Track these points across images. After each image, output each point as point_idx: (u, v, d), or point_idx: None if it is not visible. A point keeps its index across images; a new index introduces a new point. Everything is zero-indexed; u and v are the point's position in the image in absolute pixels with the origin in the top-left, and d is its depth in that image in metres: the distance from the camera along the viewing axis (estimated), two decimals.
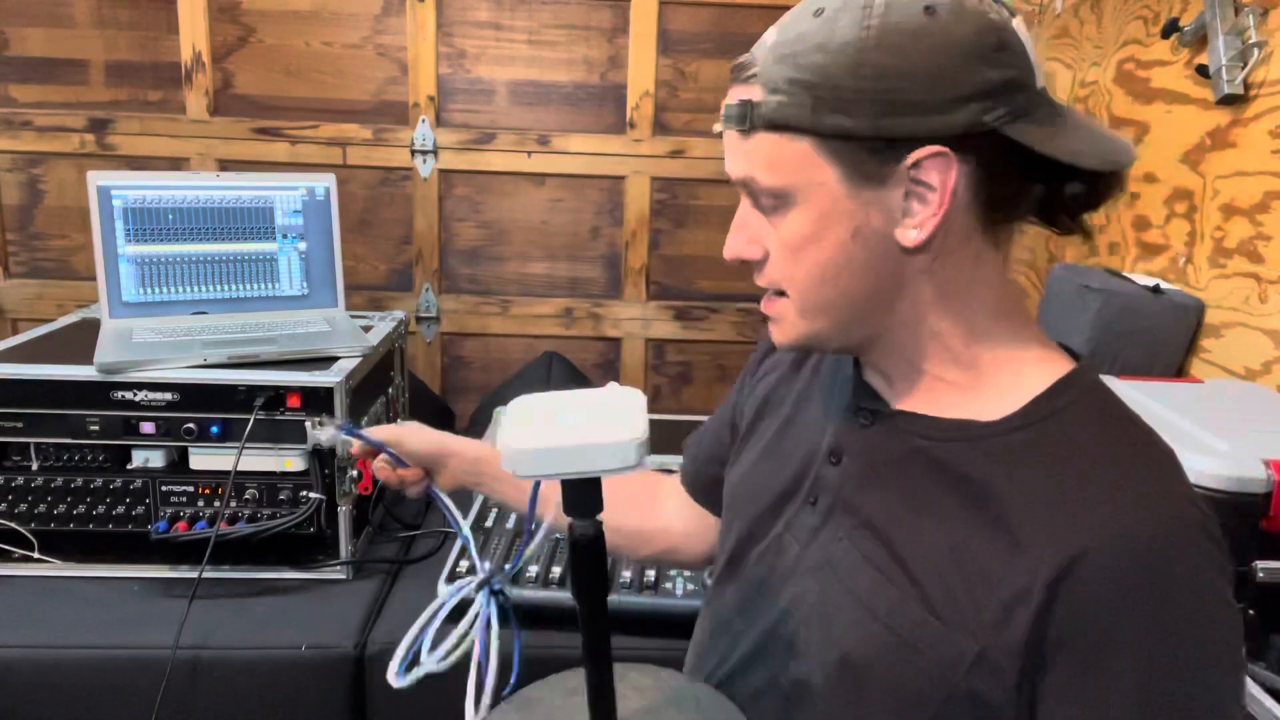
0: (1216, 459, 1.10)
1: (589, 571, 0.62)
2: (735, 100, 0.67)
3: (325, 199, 1.66)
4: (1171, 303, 1.59)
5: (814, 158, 0.64)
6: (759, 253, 0.70)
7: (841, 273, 0.67)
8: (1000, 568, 0.62)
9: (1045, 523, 0.61)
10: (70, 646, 1.25)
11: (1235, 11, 1.50)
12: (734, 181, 0.70)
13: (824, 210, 0.65)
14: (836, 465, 0.75)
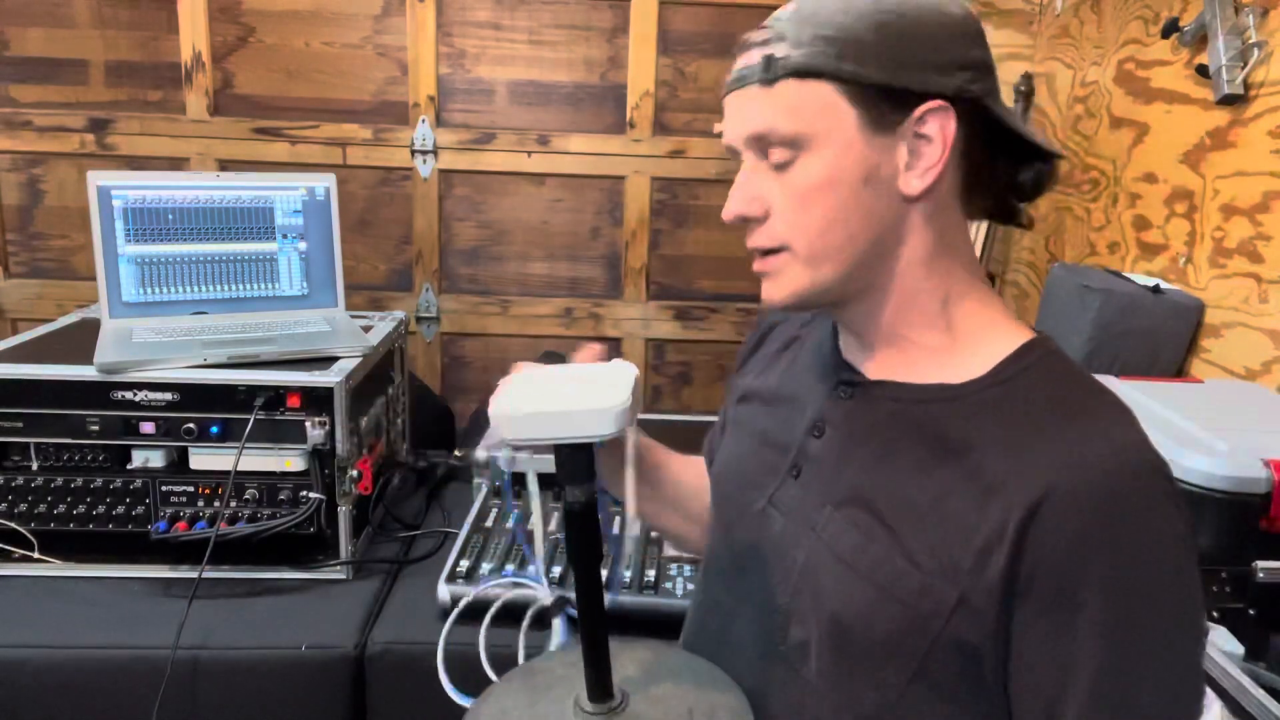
0: (1216, 459, 1.10)
1: (583, 539, 0.66)
2: (747, 62, 0.72)
3: (325, 199, 1.66)
4: (1171, 303, 1.59)
5: (836, 101, 0.69)
6: (760, 210, 0.73)
7: (851, 217, 0.71)
8: (976, 515, 0.65)
9: (1014, 468, 0.65)
10: (70, 646, 1.25)
11: (1235, 11, 1.50)
12: (741, 141, 0.73)
13: (840, 154, 0.70)
14: (819, 438, 0.78)
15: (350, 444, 1.40)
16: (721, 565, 0.86)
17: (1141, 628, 0.62)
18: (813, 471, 0.78)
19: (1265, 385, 1.43)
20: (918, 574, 0.67)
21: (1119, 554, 0.62)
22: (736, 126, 0.73)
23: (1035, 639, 0.64)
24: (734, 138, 0.74)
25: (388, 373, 1.72)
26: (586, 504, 0.64)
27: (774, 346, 0.94)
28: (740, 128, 0.73)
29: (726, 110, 0.75)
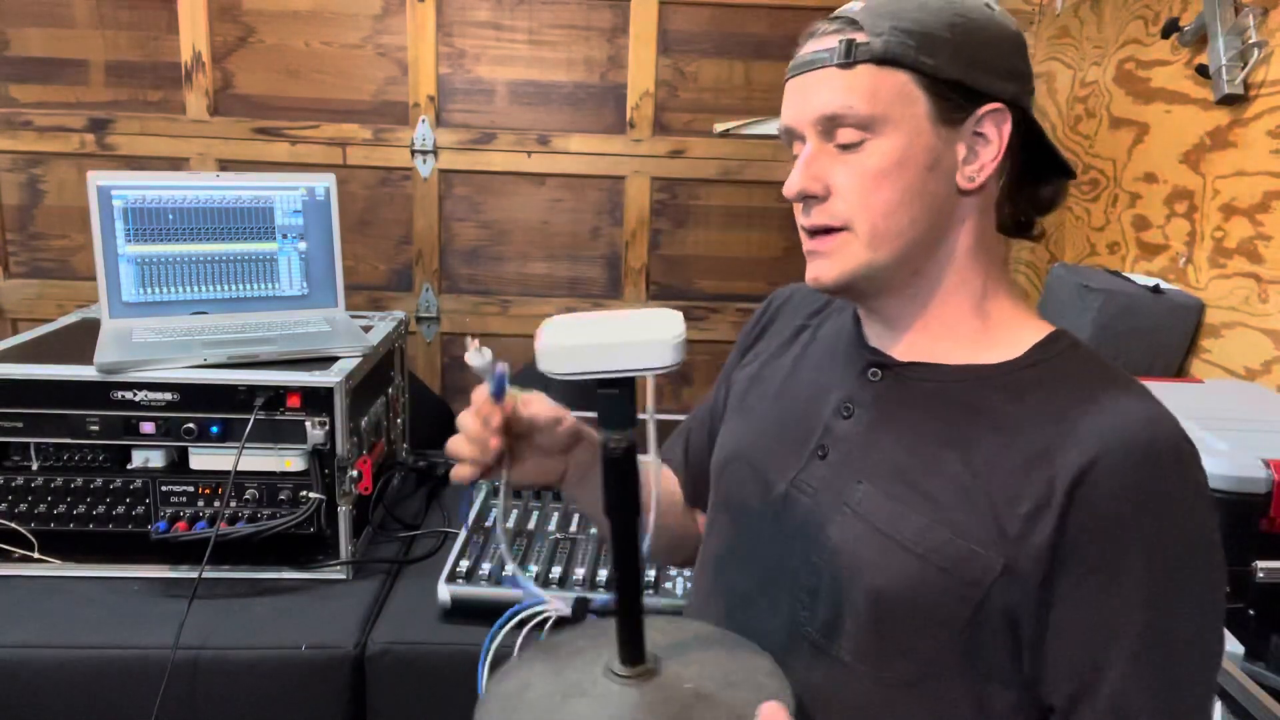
0: (1216, 459, 1.10)
1: (622, 487, 0.62)
2: (824, 45, 0.75)
3: (325, 199, 1.66)
4: (1171, 303, 1.59)
5: (911, 90, 0.73)
6: (821, 189, 0.75)
7: (915, 201, 0.74)
8: (1019, 483, 0.68)
9: (1059, 437, 0.68)
10: (70, 646, 1.25)
11: (1235, 11, 1.50)
12: (810, 121, 0.75)
13: (911, 140, 0.74)
14: (848, 418, 0.80)
15: (350, 444, 1.40)
16: (731, 554, 0.86)
17: (1181, 589, 0.66)
18: (842, 451, 0.79)
19: (1265, 385, 1.43)
20: (961, 542, 0.69)
21: (1161, 518, 0.66)
22: (805, 107, 0.75)
23: (1079, 600, 0.66)
24: (800, 118, 0.76)
25: (388, 373, 1.72)
26: (628, 449, 0.61)
27: (781, 335, 0.95)
28: (811, 108, 0.75)
29: (791, 92, 0.77)
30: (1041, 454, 0.68)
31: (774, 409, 0.87)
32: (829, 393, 0.82)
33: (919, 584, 0.70)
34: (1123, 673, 0.65)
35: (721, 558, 0.88)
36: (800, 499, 0.79)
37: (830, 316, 0.91)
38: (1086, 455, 0.66)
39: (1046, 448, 0.68)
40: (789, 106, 0.78)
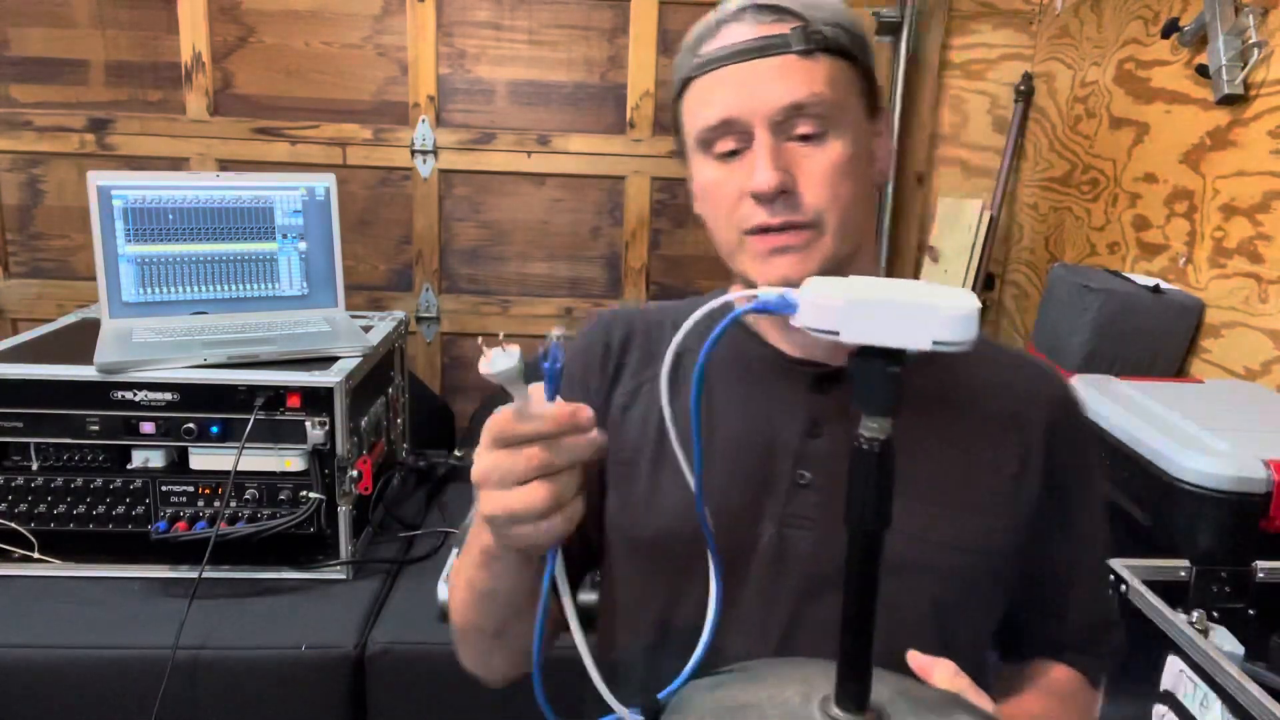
0: (1216, 459, 1.10)
1: (877, 491, 0.50)
2: (772, 31, 0.72)
3: (325, 199, 1.65)
4: (1171, 303, 1.59)
5: (857, 84, 0.75)
6: (792, 183, 0.72)
7: (867, 193, 0.76)
8: (996, 451, 0.76)
9: (1015, 401, 0.78)
10: (70, 646, 1.25)
11: (1235, 11, 1.50)
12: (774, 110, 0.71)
13: (859, 132, 0.75)
14: (819, 438, 0.76)
15: (350, 444, 1.40)
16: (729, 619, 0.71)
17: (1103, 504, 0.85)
18: (826, 471, 0.75)
19: (1265, 385, 1.43)
20: (984, 520, 0.74)
21: (1090, 448, 0.84)
22: (763, 96, 0.71)
23: (1058, 512, 0.78)
24: (754, 108, 0.71)
25: (388, 373, 1.72)
26: (886, 444, 0.50)
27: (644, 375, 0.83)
28: (772, 97, 0.71)
29: (733, 81, 0.72)
30: (1009, 419, 0.77)
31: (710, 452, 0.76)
32: (779, 418, 0.77)
33: (972, 579, 0.74)
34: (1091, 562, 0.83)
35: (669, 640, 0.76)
36: (797, 535, 0.74)
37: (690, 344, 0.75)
38: (1043, 412, 0.78)
39: (1012, 413, 0.77)
40: (732, 96, 0.72)
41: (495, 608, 0.71)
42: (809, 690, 0.55)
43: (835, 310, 0.49)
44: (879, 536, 0.51)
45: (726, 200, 0.75)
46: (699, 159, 0.77)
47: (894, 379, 0.49)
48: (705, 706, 0.56)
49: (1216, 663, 0.83)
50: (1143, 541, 1.20)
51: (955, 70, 2.41)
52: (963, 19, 2.38)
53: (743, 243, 0.75)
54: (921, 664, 0.62)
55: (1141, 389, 1.35)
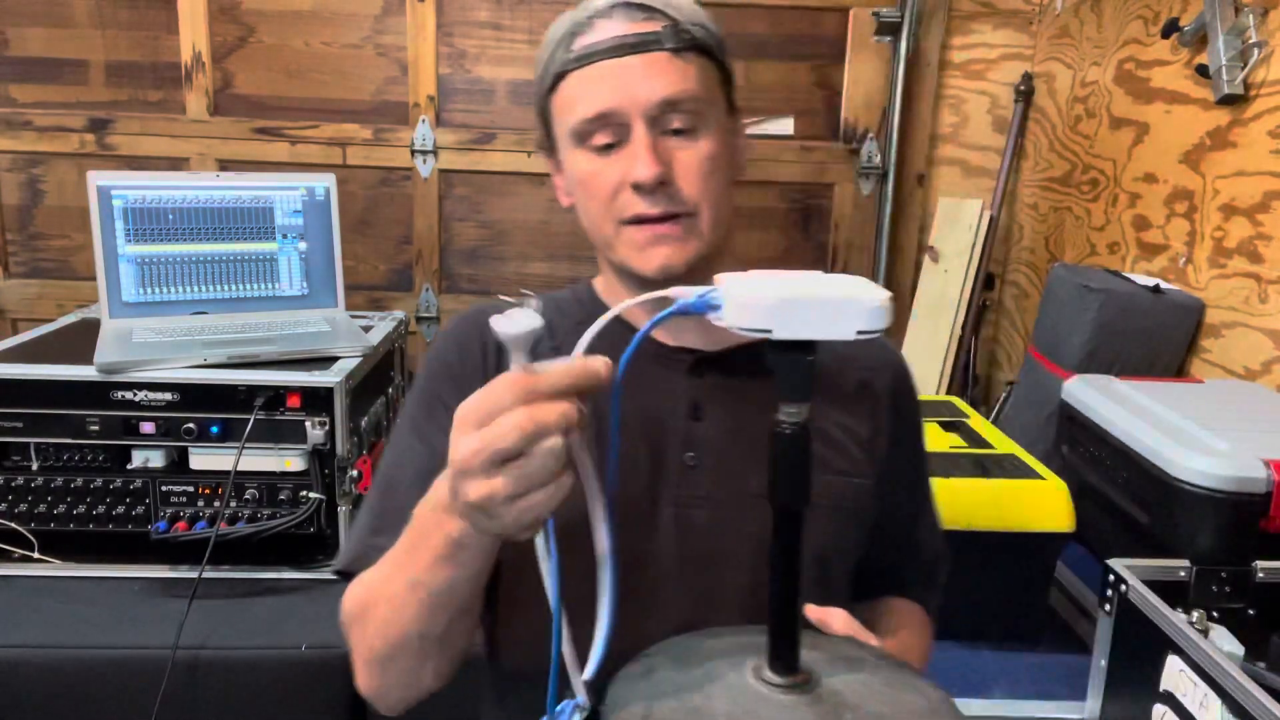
0: (1216, 459, 1.10)
1: (797, 470, 0.55)
2: (646, 28, 0.75)
3: (325, 199, 1.65)
4: (1171, 303, 1.59)
5: (720, 82, 0.79)
6: (670, 174, 0.75)
7: (731, 186, 0.80)
8: (853, 418, 0.84)
9: (860, 371, 0.86)
10: (70, 646, 1.25)
11: (1235, 11, 1.50)
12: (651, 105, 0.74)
13: (723, 128, 0.79)
14: (702, 420, 0.80)
15: (350, 444, 1.40)
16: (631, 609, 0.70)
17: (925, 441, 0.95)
18: (715, 451, 0.79)
19: (1265, 385, 1.43)
20: (852, 481, 0.82)
21: (918, 403, 0.92)
22: (639, 90, 0.74)
23: (901, 468, 0.88)
24: (632, 101, 0.74)
25: (388, 373, 1.72)
26: (803, 428, 0.54)
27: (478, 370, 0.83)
28: (649, 91, 0.74)
29: (609, 76, 0.74)
30: (859, 388, 0.85)
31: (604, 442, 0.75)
32: (663, 404, 0.80)
33: (844, 533, 0.82)
34: (929, 505, 0.95)
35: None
36: (693, 512, 0.78)
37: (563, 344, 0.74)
38: (886, 378, 0.87)
39: (861, 383, 0.85)
40: (610, 89, 0.74)
41: (450, 603, 0.67)
42: (738, 662, 0.58)
43: (766, 310, 0.52)
44: (801, 513, 0.56)
45: (604, 191, 0.77)
46: (574, 152, 0.79)
47: (810, 367, 0.54)
48: (645, 695, 0.57)
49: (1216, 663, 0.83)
50: (1143, 541, 1.21)
51: (955, 70, 2.41)
52: (963, 19, 2.38)
53: (620, 232, 0.78)
54: (819, 614, 0.68)
55: (1141, 389, 1.35)
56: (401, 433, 0.84)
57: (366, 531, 0.80)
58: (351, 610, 0.76)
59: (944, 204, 2.39)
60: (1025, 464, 1.34)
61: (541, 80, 0.81)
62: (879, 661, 0.62)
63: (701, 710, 0.54)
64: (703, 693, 0.56)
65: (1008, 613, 1.29)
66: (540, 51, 0.81)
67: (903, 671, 0.61)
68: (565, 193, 0.85)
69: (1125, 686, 1.01)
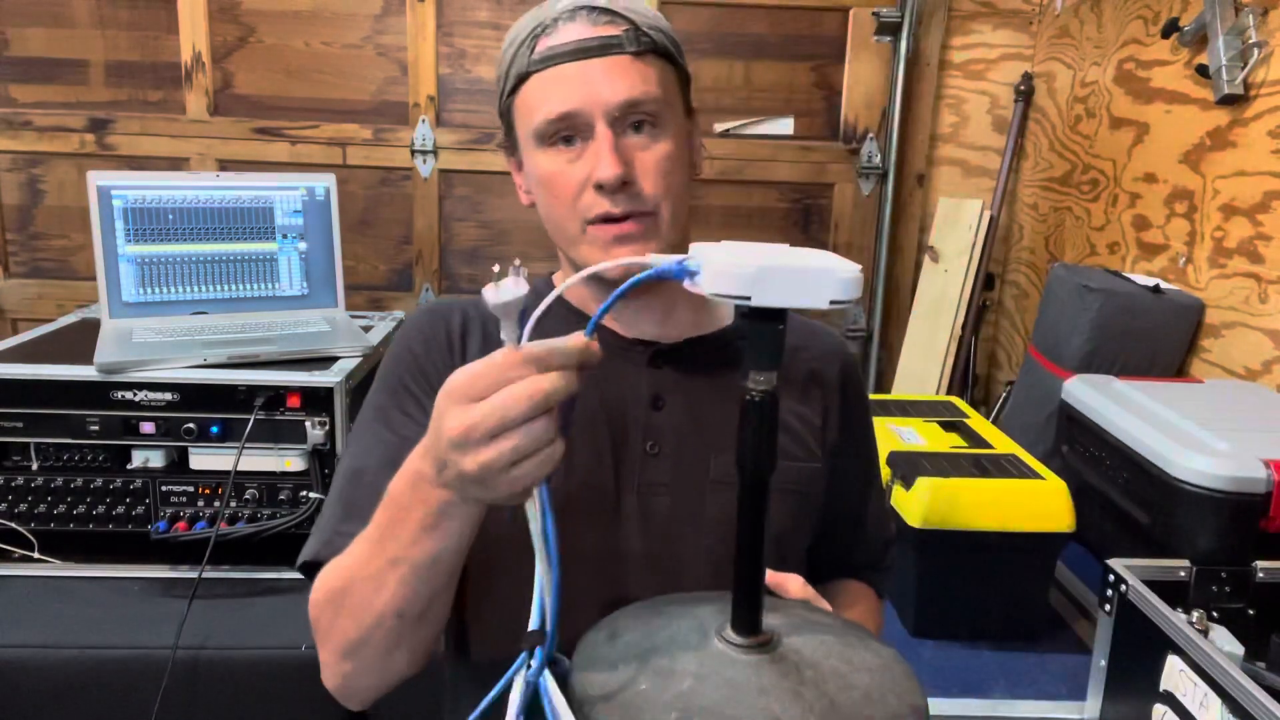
0: (1216, 459, 1.10)
1: (758, 437, 0.56)
2: (608, 32, 0.77)
3: (325, 199, 1.66)
4: (1171, 303, 1.59)
5: (678, 84, 0.82)
6: (632, 174, 0.77)
7: (688, 186, 0.82)
8: (806, 405, 0.88)
9: (810, 362, 0.90)
10: (70, 646, 1.25)
11: (1235, 11, 1.50)
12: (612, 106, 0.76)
13: (680, 129, 0.81)
14: (662, 409, 0.83)
15: None
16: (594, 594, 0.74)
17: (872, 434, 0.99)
18: (674, 440, 0.82)
19: (1265, 385, 1.43)
20: (804, 465, 0.86)
21: (865, 391, 0.97)
22: (603, 92, 0.76)
23: (850, 454, 0.92)
24: (595, 103, 0.76)
25: None
26: (771, 395, 0.56)
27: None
28: (612, 93, 0.76)
29: (572, 78, 0.76)
30: (810, 377, 0.89)
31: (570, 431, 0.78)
32: (625, 394, 0.82)
33: (799, 515, 0.85)
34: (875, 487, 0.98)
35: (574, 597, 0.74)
36: (655, 499, 0.81)
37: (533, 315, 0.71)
38: (835, 367, 0.91)
39: (811, 372, 0.89)
40: (574, 91, 0.76)
41: (432, 577, 0.67)
42: (700, 625, 0.60)
43: (746, 277, 0.53)
44: (767, 479, 0.57)
45: (567, 192, 0.79)
46: (537, 153, 0.80)
47: (781, 336, 0.55)
48: (608, 658, 0.58)
49: (1216, 663, 0.84)
50: (1143, 541, 1.21)
51: (955, 70, 2.41)
52: (963, 19, 2.38)
53: (585, 231, 0.79)
54: (776, 579, 0.72)
55: (1141, 389, 1.35)
56: (365, 423, 0.84)
57: (335, 520, 0.80)
58: (322, 598, 0.74)
59: (944, 204, 2.39)
60: (1025, 464, 1.34)
61: (503, 81, 0.82)
62: (833, 623, 0.65)
63: (667, 671, 0.56)
64: (668, 655, 0.57)
65: (1008, 613, 1.29)
66: (503, 52, 0.82)
67: (856, 631, 0.64)
68: (526, 191, 0.87)
69: (1125, 686, 1.01)
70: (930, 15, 2.35)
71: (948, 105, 2.44)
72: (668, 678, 0.55)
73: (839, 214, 2.46)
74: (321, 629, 0.74)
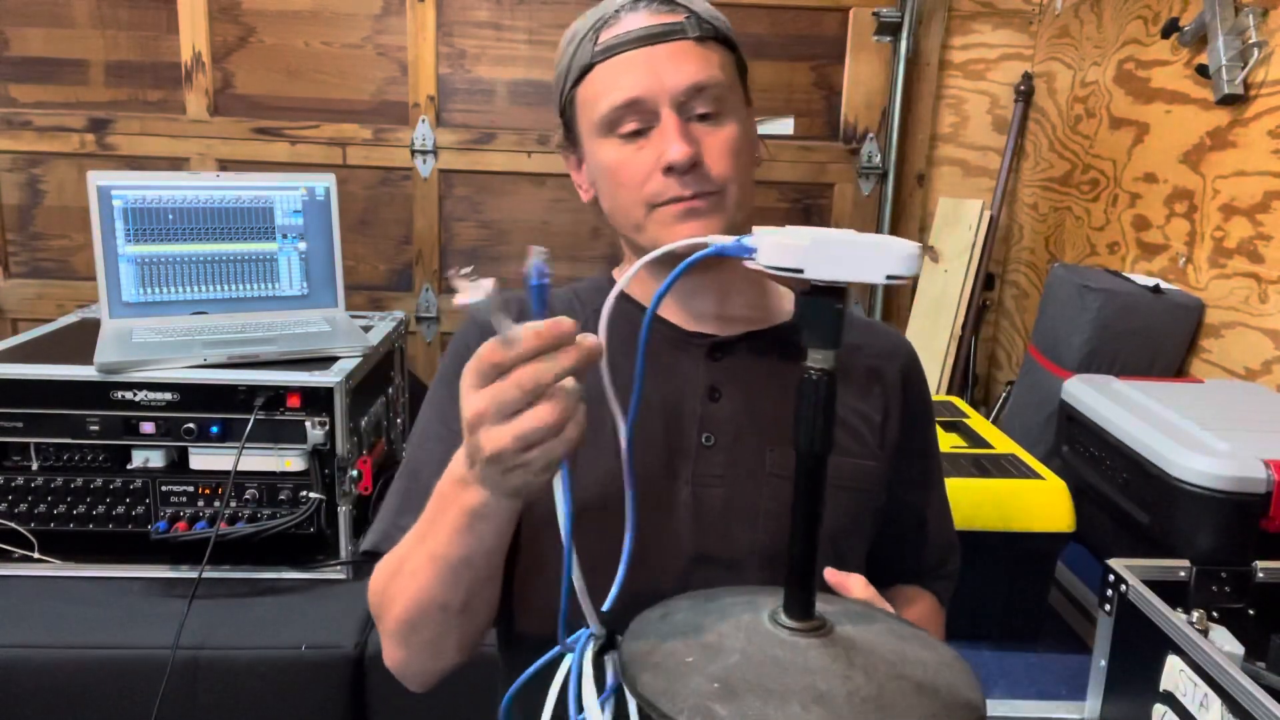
0: (1216, 459, 1.10)
1: (817, 414, 0.55)
2: (670, 19, 0.78)
3: (325, 199, 1.66)
4: (1171, 303, 1.59)
5: (735, 71, 0.82)
6: (700, 156, 0.78)
7: (752, 170, 0.83)
8: (866, 404, 0.86)
9: (872, 359, 0.88)
10: (70, 646, 1.25)
11: (1235, 11, 1.50)
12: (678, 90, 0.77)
13: (743, 114, 0.82)
14: (719, 401, 0.82)
15: (350, 444, 1.40)
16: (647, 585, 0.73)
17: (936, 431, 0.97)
18: (730, 432, 0.82)
19: (1265, 385, 1.43)
20: (862, 463, 0.84)
21: (929, 392, 0.94)
22: (668, 77, 0.77)
23: (911, 455, 0.89)
24: (660, 88, 0.77)
25: (388, 373, 1.72)
26: (829, 375, 0.55)
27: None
28: (679, 78, 0.77)
29: (636, 65, 0.77)
30: (871, 374, 0.87)
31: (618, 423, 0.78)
32: (682, 386, 0.82)
33: (857, 513, 0.84)
34: (938, 495, 0.95)
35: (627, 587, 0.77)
36: (709, 491, 0.80)
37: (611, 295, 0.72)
38: (897, 366, 0.89)
39: (872, 369, 0.87)
40: (639, 77, 0.77)
41: (466, 576, 0.69)
42: (755, 605, 0.60)
43: (801, 250, 0.53)
44: (824, 459, 0.57)
45: (636, 177, 0.79)
46: (602, 143, 0.81)
47: (839, 314, 0.54)
48: (660, 633, 0.59)
49: (1216, 663, 0.84)
50: (1143, 541, 1.21)
51: (955, 70, 2.41)
52: (963, 19, 2.38)
53: (651, 214, 0.79)
54: (837, 579, 0.71)
55: (1141, 389, 1.35)
56: (426, 417, 0.87)
57: (393, 513, 0.84)
58: (377, 586, 0.79)
59: (944, 204, 2.39)
60: (1025, 464, 1.34)
61: (564, 77, 0.83)
62: (892, 621, 0.63)
63: (715, 646, 0.56)
64: (717, 632, 0.58)
65: (1008, 613, 1.29)
66: (561, 51, 0.83)
67: (916, 630, 0.62)
68: (586, 186, 0.87)
69: (1125, 686, 1.01)
70: (930, 15, 2.35)
71: (948, 105, 2.44)
72: (715, 652, 0.55)
73: (839, 214, 2.46)
74: (378, 616, 0.79)
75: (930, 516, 0.95)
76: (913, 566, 0.95)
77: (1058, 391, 1.48)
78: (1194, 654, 0.87)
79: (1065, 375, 1.54)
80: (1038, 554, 1.27)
